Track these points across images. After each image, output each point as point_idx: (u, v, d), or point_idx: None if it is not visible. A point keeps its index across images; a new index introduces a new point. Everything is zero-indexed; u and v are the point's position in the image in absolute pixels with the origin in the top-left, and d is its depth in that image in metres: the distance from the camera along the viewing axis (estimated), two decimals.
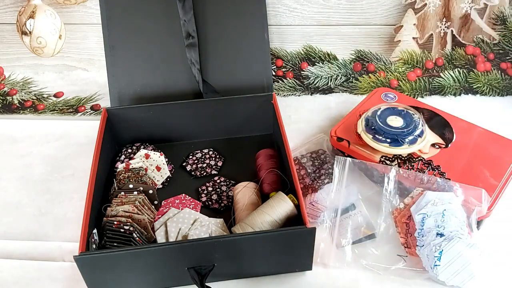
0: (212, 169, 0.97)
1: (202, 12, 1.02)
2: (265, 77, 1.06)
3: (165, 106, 0.98)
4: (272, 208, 0.79)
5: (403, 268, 0.78)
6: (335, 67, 1.20)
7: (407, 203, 0.82)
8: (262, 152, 0.95)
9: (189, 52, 1.02)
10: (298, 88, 1.20)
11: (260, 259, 0.76)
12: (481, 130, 0.96)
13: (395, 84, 1.19)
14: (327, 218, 0.84)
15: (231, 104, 0.99)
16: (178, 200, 0.88)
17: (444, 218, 0.77)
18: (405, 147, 0.88)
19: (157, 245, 0.72)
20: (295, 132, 1.06)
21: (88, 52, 1.21)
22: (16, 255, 0.84)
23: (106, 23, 1.02)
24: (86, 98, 1.19)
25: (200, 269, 0.73)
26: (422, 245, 0.76)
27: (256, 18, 1.04)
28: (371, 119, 0.92)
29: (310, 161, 0.94)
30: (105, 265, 0.71)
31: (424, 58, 1.19)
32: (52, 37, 1.18)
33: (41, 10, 1.15)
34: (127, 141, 1.01)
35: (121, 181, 0.88)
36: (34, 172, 1.01)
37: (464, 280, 0.74)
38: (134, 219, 0.80)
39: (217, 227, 0.81)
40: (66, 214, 0.91)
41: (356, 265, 0.80)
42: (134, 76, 1.04)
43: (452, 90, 1.17)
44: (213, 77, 1.05)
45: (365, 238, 0.83)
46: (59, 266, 0.82)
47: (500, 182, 0.85)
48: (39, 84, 1.22)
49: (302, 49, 1.19)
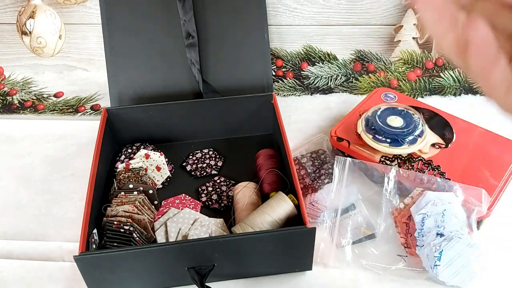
0: (212, 169, 0.97)
1: (202, 12, 1.02)
2: (265, 77, 1.06)
3: (165, 106, 0.98)
4: (272, 208, 0.79)
5: (403, 268, 0.78)
6: (335, 67, 1.20)
7: (407, 203, 0.82)
8: (262, 152, 0.95)
9: (189, 52, 1.02)
10: (298, 88, 1.20)
11: (260, 259, 0.76)
12: (481, 130, 0.96)
13: (395, 84, 1.18)
14: (327, 218, 0.84)
15: (231, 104, 0.99)
16: (178, 200, 0.88)
17: (444, 218, 0.77)
18: (405, 147, 0.88)
19: (157, 245, 0.72)
20: (295, 132, 1.06)
21: (88, 52, 1.21)
22: (16, 255, 0.84)
23: (106, 23, 1.02)
24: (86, 98, 1.19)
25: (200, 269, 0.73)
26: (422, 245, 0.76)
27: (256, 18, 1.04)
28: (371, 119, 0.92)
29: (310, 161, 0.94)
30: (105, 265, 0.71)
31: (424, 58, 1.18)
32: (52, 37, 1.18)
33: (41, 10, 1.15)
34: (127, 141, 1.01)
35: (121, 181, 0.88)
36: (34, 172, 1.01)
37: (464, 280, 0.74)
38: (134, 219, 0.80)
39: (217, 227, 0.81)
40: (66, 214, 0.91)
41: (356, 265, 0.80)
42: (134, 76, 1.04)
43: (452, 90, 1.17)
44: (213, 77, 1.04)
45: (365, 238, 0.83)
46: (59, 266, 0.82)
47: (500, 182, 0.85)
48: (39, 84, 1.21)
49: (302, 49, 1.19)
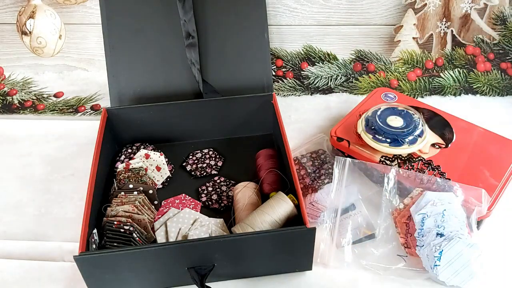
0: (212, 169, 0.97)
1: (202, 12, 1.02)
2: (265, 77, 1.06)
3: (165, 106, 0.98)
4: (272, 208, 0.79)
5: (403, 268, 0.78)
6: (335, 67, 1.20)
7: (406, 203, 0.82)
8: (262, 152, 0.95)
9: (189, 52, 1.02)
10: (298, 88, 1.20)
11: (260, 259, 0.76)
12: (481, 130, 0.96)
13: (395, 84, 1.18)
14: (327, 218, 0.84)
15: (231, 104, 0.99)
16: (178, 200, 0.88)
17: (444, 218, 0.77)
18: (405, 147, 0.88)
19: (157, 245, 0.72)
20: (295, 132, 1.06)
21: (88, 52, 1.21)
22: (16, 255, 0.84)
23: (106, 23, 1.02)
24: (86, 98, 1.19)
25: (200, 269, 0.73)
26: (422, 245, 0.76)
27: (256, 18, 1.04)
28: (371, 119, 0.92)
29: (310, 161, 0.94)
30: (105, 265, 0.71)
31: (424, 58, 1.18)
32: (52, 37, 1.18)
33: (41, 10, 1.15)
34: (127, 141, 1.01)
35: (121, 181, 0.88)
36: (34, 172, 1.01)
37: (464, 280, 0.74)
38: (134, 219, 0.80)
39: (217, 227, 0.81)
40: (66, 214, 0.91)
41: (356, 265, 0.80)
42: (134, 76, 1.04)
43: (452, 90, 1.17)
44: (213, 77, 1.04)
45: (365, 238, 0.83)
46: (59, 266, 0.82)
47: (500, 182, 0.85)
48: (39, 84, 1.21)
49: (302, 49, 1.19)
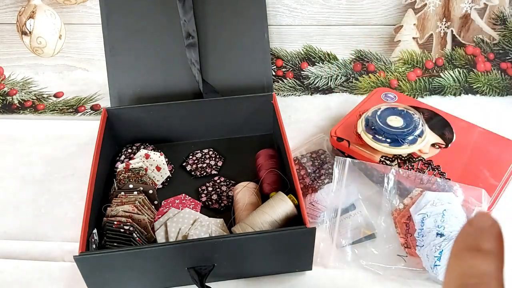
0: (212, 169, 0.97)
1: (202, 12, 1.02)
2: (265, 77, 1.06)
3: (165, 106, 0.98)
4: (272, 208, 0.79)
5: (403, 268, 0.78)
6: (335, 67, 1.20)
7: (406, 203, 0.82)
8: (262, 152, 0.95)
9: (189, 52, 1.02)
10: (298, 88, 1.20)
11: (260, 259, 0.76)
12: (481, 130, 0.96)
13: (395, 84, 1.18)
14: (327, 218, 0.84)
15: (231, 104, 0.99)
16: (178, 200, 0.88)
17: (444, 218, 0.77)
18: (405, 147, 0.88)
19: (157, 245, 0.72)
20: (295, 132, 1.06)
21: (88, 52, 1.21)
22: (16, 255, 0.84)
23: (106, 23, 1.02)
24: (86, 98, 1.19)
25: (200, 269, 0.73)
26: (422, 245, 0.76)
27: (256, 18, 1.04)
28: (371, 119, 0.92)
29: (310, 161, 0.94)
30: (105, 265, 0.71)
31: (424, 58, 1.18)
32: (52, 37, 1.18)
33: (41, 10, 1.15)
34: (127, 141, 1.01)
35: (121, 181, 0.88)
36: (34, 172, 1.01)
37: None
38: (134, 219, 0.80)
39: (217, 227, 0.81)
40: (66, 214, 0.91)
41: (356, 265, 0.80)
42: (134, 76, 1.04)
43: (452, 90, 1.17)
44: (213, 77, 1.05)
45: (365, 238, 0.83)
46: (59, 266, 0.82)
47: (500, 182, 0.85)
48: (39, 84, 1.21)
49: (302, 49, 1.19)
